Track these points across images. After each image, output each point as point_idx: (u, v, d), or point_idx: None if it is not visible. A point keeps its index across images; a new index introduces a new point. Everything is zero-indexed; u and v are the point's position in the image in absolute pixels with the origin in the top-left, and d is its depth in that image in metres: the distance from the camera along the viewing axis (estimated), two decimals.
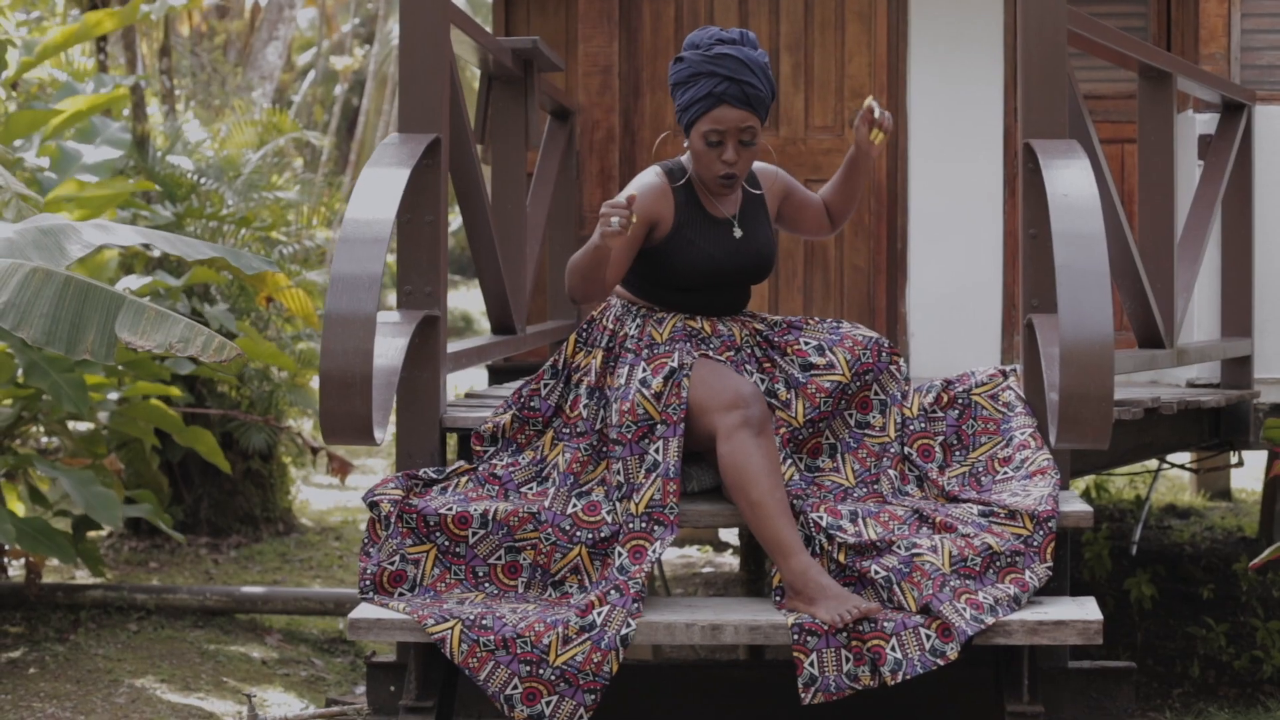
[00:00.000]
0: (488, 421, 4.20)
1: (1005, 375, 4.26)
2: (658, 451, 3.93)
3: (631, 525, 3.89)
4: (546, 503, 3.95)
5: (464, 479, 4.08)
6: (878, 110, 4.15)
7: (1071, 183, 3.96)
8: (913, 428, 4.19)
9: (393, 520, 3.92)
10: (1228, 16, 6.21)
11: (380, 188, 3.95)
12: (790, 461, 4.06)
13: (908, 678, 3.64)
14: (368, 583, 3.90)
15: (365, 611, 3.79)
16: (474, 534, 3.91)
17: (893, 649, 3.65)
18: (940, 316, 6.62)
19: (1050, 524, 3.87)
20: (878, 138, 4.18)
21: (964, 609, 3.68)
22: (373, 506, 3.95)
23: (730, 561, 8.79)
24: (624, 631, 3.69)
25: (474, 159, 4.65)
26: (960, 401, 4.22)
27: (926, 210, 6.65)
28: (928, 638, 3.66)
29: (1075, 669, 4.08)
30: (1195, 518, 9.22)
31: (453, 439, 4.43)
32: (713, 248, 4.16)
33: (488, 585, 3.91)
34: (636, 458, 3.94)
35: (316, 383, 8.12)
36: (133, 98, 8.85)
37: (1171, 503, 9.72)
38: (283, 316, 8.83)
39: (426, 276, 4.26)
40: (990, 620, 3.69)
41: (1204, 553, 7.83)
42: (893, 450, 4.16)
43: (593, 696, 3.66)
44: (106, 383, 6.74)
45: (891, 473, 4.13)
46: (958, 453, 4.17)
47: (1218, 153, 5.70)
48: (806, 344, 4.16)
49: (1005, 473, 4.08)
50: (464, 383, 12.33)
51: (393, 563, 3.90)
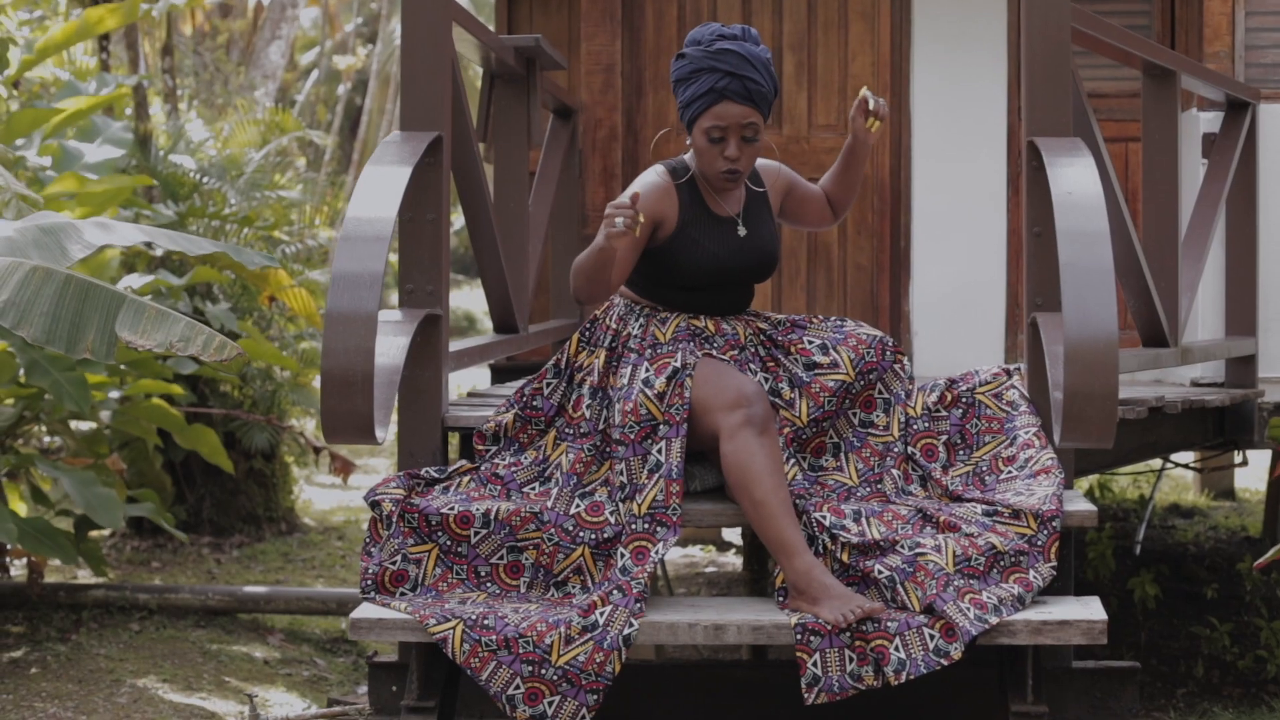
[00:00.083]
0: (490, 420, 4.18)
1: (1009, 374, 4.25)
2: (660, 452, 3.92)
3: (634, 526, 3.87)
4: (549, 503, 3.94)
5: (466, 478, 4.07)
6: (872, 100, 4.15)
7: (1076, 181, 3.95)
8: (916, 427, 4.18)
9: (394, 520, 3.90)
10: (1232, 15, 6.20)
11: (382, 186, 3.94)
12: (794, 461, 4.05)
13: (911, 678, 3.63)
14: (369, 582, 3.89)
15: (367, 611, 3.78)
16: (476, 533, 3.90)
17: (896, 649, 3.63)
18: (944, 315, 6.61)
19: (1054, 523, 3.86)
20: (874, 126, 4.18)
21: (968, 609, 3.67)
22: (374, 506, 3.94)
23: (733, 561, 8.78)
24: (626, 631, 3.67)
25: (476, 157, 4.64)
26: (964, 400, 4.21)
27: (930, 209, 6.64)
28: (931, 638, 3.64)
29: (1079, 669, 4.07)
30: (1199, 517, 9.21)
31: (455, 438, 4.42)
32: (717, 247, 4.14)
33: (489, 585, 3.90)
34: (639, 458, 3.92)
35: (319, 382, 8.12)
36: (135, 97, 8.85)
37: (1175, 502, 9.70)
38: (285, 316, 8.83)
39: (428, 275, 4.25)
40: (994, 620, 3.67)
41: (1208, 552, 7.81)
42: (896, 449, 4.15)
43: (595, 697, 3.64)
44: (108, 382, 6.73)
45: (895, 472, 4.12)
46: (961, 452, 4.16)
47: (1222, 151, 5.68)
48: (810, 343, 4.15)
49: (1009, 472, 4.06)
50: (466, 382, 12.32)
51: (394, 562, 3.89)
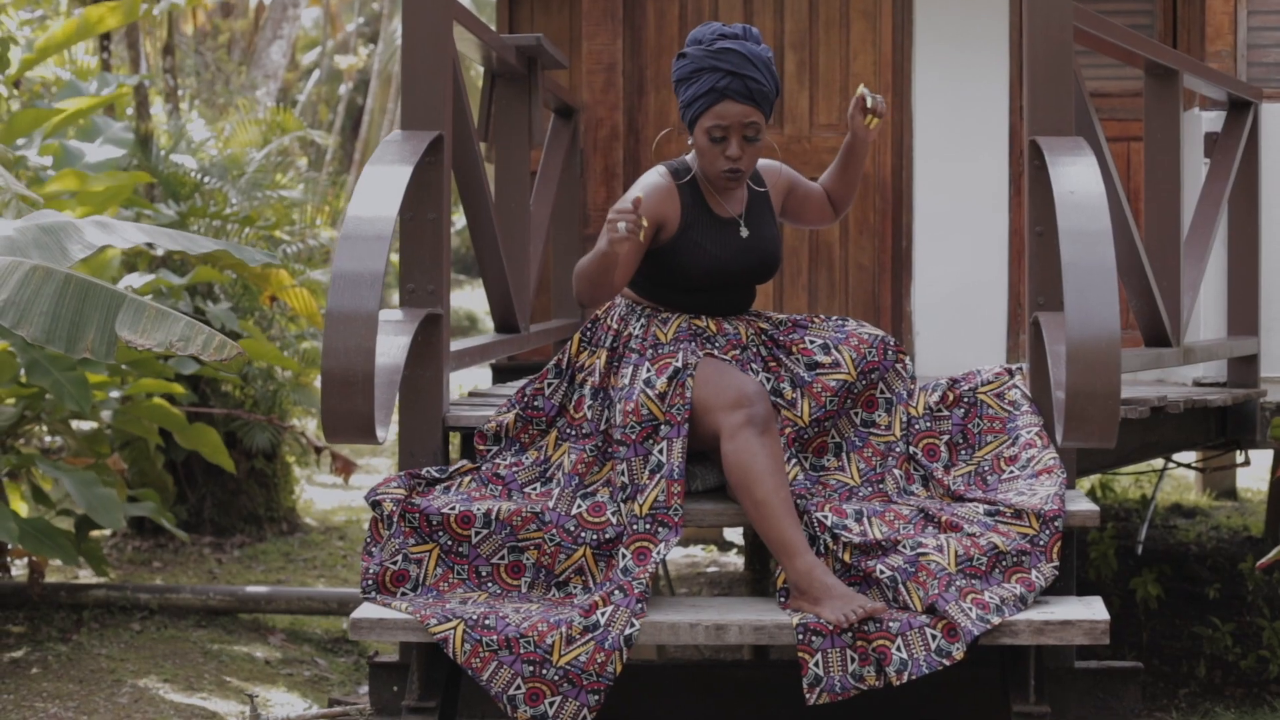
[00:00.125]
0: (491, 420, 4.18)
1: (1011, 374, 4.24)
2: (662, 452, 3.91)
3: (636, 527, 3.87)
4: (551, 503, 3.93)
5: (467, 478, 4.06)
6: (870, 98, 4.15)
7: (1078, 180, 3.94)
8: (918, 426, 4.17)
9: (395, 520, 3.90)
10: (1234, 14, 6.19)
11: (382, 185, 3.93)
12: (795, 461, 4.04)
13: (913, 678, 3.62)
14: (370, 582, 3.88)
15: (367, 611, 3.77)
16: (477, 533, 3.89)
17: (898, 649, 3.63)
18: (945, 315, 6.60)
19: (1057, 523, 3.85)
20: (872, 123, 4.18)
21: (970, 609, 3.66)
22: (375, 506, 3.93)
23: (735, 561, 8.77)
24: (628, 632, 3.67)
25: (477, 156, 4.63)
26: (966, 400, 4.20)
27: (931, 208, 6.63)
28: (933, 638, 3.63)
29: (1082, 669, 4.06)
30: (1201, 517, 9.20)
31: (456, 438, 4.41)
32: (719, 249, 4.13)
33: (490, 585, 3.89)
34: (640, 458, 3.92)
35: (320, 382, 8.12)
36: (136, 96, 8.85)
37: (1177, 502, 9.69)
38: (286, 315, 8.83)
39: (429, 274, 4.24)
40: (996, 620, 3.66)
41: (1210, 552, 7.81)
42: (898, 449, 4.14)
43: (596, 697, 3.63)
44: (110, 382, 6.72)
45: (897, 472, 4.11)
46: (963, 451, 4.15)
47: (1224, 150, 5.67)
48: (812, 342, 4.14)
49: (1011, 472, 4.05)
50: (467, 381, 12.31)
51: (395, 562, 3.88)
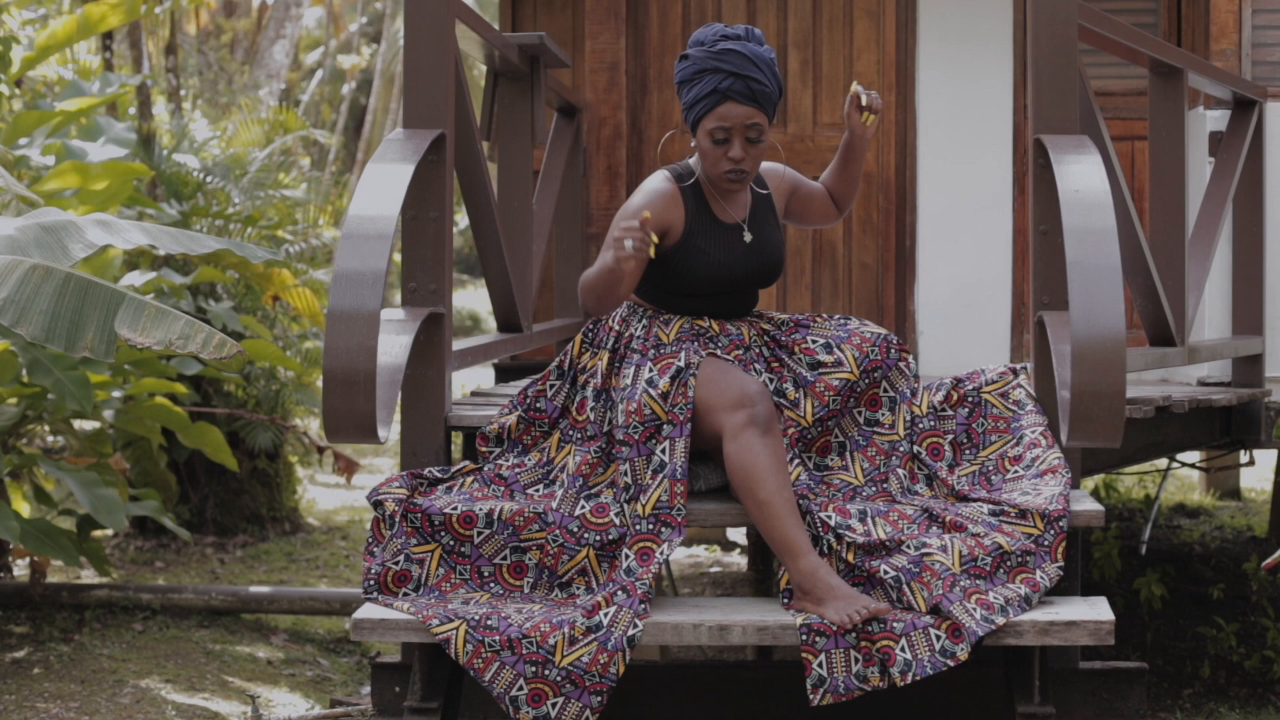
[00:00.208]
0: (493, 422, 4.16)
1: (1016, 373, 4.23)
2: (664, 452, 3.90)
3: (638, 527, 3.85)
4: (554, 504, 3.92)
5: (469, 479, 4.05)
6: (864, 95, 4.13)
7: (1083, 178, 3.92)
8: (922, 426, 4.15)
9: (397, 520, 3.88)
10: (1238, 12, 6.17)
11: (384, 183, 3.92)
12: (798, 461, 4.03)
13: (917, 679, 3.60)
14: (372, 582, 3.87)
15: (369, 612, 3.76)
16: (479, 534, 3.88)
17: (902, 650, 3.61)
18: (949, 314, 6.59)
19: (1061, 523, 3.84)
20: (869, 120, 4.16)
21: (974, 609, 3.65)
22: (377, 506, 3.92)
23: (738, 561, 8.75)
24: (631, 632, 3.65)
25: (479, 155, 4.62)
26: (970, 400, 4.18)
27: (935, 207, 6.62)
28: (937, 638, 3.62)
29: (1086, 670, 4.04)
30: (1205, 517, 9.19)
31: (458, 437, 4.40)
32: (723, 254, 4.12)
33: (493, 585, 3.88)
34: (643, 459, 3.90)
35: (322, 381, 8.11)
36: (139, 96, 8.84)
37: (1181, 502, 9.68)
38: (289, 315, 8.82)
39: (431, 273, 4.23)
40: (1001, 620, 3.65)
41: (1214, 552, 7.80)
42: (902, 448, 4.13)
43: (599, 698, 3.62)
44: (112, 381, 6.72)
45: (901, 471, 4.10)
46: (968, 451, 4.14)
47: (1229, 149, 5.66)
48: (814, 342, 4.13)
49: (1016, 471, 4.04)
50: (470, 381, 12.31)
51: (397, 562, 3.87)
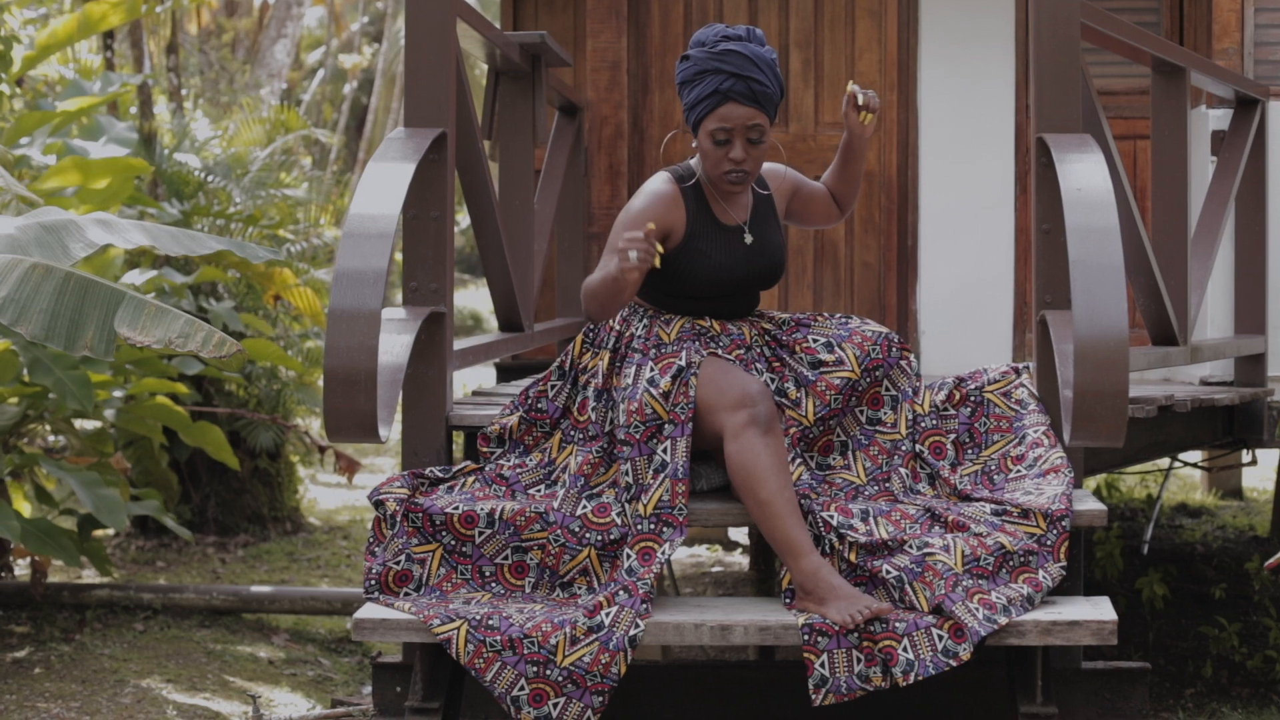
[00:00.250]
0: (494, 422, 4.16)
1: (1018, 372, 4.22)
2: (666, 452, 3.89)
3: (640, 527, 3.84)
4: (555, 504, 3.91)
5: (470, 478, 4.04)
6: (861, 94, 4.12)
7: (1085, 177, 3.92)
8: (924, 425, 4.15)
9: (398, 519, 3.88)
10: (1241, 11, 6.16)
11: (385, 182, 3.91)
12: (800, 460, 4.02)
13: (920, 679, 3.60)
14: (373, 582, 3.86)
15: (370, 611, 3.75)
16: (480, 533, 3.87)
17: (904, 650, 3.61)
18: (951, 314, 6.58)
19: (1064, 523, 3.83)
20: (867, 119, 4.15)
21: (977, 609, 3.64)
22: (378, 505, 3.91)
23: (740, 561, 8.75)
24: (632, 632, 3.65)
25: (481, 154, 4.62)
26: (973, 399, 4.18)
27: (937, 207, 6.61)
28: (940, 638, 3.61)
29: (1088, 669, 4.04)
30: (1207, 517, 9.18)
31: (459, 437, 4.39)
32: (724, 257, 4.11)
33: (494, 585, 3.87)
34: (645, 458, 3.89)
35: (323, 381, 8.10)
36: (140, 95, 8.84)
37: (1183, 501, 9.67)
38: (290, 314, 8.81)
39: (432, 272, 4.22)
40: (1003, 620, 3.64)
41: (1216, 552, 7.79)
42: (904, 447, 4.12)
43: (600, 698, 3.62)
44: (113, 381, 6.71)
45: (903, 470, 4.09)
46: (970, 450, 4.13)
47: (1231, 148, 5.65)
48: (815, 341, 4.12)
49: (1018, 471, 4.03)
50: (471, 380, 12.30)
51: (398, 562, 3.87)
